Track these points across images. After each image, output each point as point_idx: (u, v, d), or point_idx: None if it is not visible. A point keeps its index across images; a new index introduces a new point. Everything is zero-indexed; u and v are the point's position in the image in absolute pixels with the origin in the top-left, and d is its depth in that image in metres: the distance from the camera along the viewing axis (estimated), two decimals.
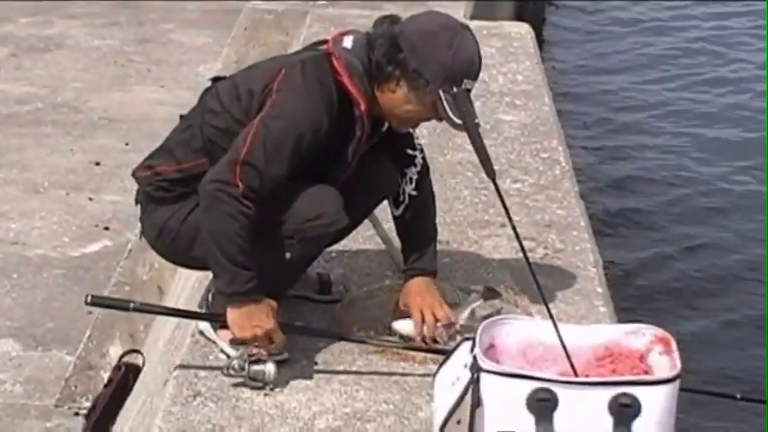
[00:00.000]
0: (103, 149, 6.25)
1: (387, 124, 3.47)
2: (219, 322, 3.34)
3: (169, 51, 7.67)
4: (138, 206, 3.54)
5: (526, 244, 4.14)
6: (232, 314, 3.23)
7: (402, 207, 3.61)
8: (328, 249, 3.84)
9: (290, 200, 3.28)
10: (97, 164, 6.11)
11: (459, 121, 3.24)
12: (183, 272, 4.64)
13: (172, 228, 3.42)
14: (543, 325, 3.08)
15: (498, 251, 4.12)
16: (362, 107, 3.31)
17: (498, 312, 3.67)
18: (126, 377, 4.30)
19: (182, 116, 3.54)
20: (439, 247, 3.71)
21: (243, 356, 3.22)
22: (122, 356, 4.43)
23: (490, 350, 3.01)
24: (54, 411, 4.29)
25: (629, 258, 6.97)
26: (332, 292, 3.76)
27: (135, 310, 3.31)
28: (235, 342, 3.29)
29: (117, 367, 4.40)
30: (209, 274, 3.69)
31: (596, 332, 3.12)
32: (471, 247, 4.16)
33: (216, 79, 3.51)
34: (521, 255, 4.02)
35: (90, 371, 4.57)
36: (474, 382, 2.85)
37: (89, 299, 3.24)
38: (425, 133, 4.86)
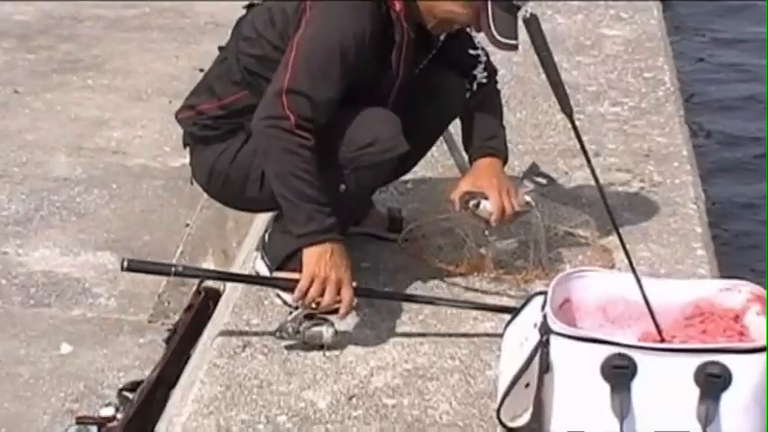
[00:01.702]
0: (209, 55, 5.96)
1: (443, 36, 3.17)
2: (275, 286, 3.09)
3: None
4: (187, 149, 3.29)
5: (621, 176, 3.88)
6: (308, 253, 2.93)
7: (469, 94, 3.29)
8: (404, 179, 3.56)
9: (342, 127, 2.99)
10: (201, 70, 5.86)
11: (501, 39, 2.97)
12: None
13: (221, 169, 3.17)
14: (626, 278, 2.75)
15: (590, 184, 3.76)
16: (398, 6, 3.01)
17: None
18: (206, 303, 4.13)
19: (220, 47, 3.28)
20: None
21: (297, 318, 2.93)
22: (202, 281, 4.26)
23: (565, 305, 2.71)
24: (147, 327, 4.15)
25: (737, 196, 6.30)
26: (403, 230, 3.46)
27: (177, 274, 3.03)
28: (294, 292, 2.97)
29: (197, 291, 4.24)
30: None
31: (686, 288, 2.79)
32: (560, 179, 3.83)
33: (250, 6, 3.23)
34: (614, 188, 3.73)
35: (183, 287, 4.41)
36: (543, 345, 2.55)
37: (125, 264, 2.95)
38: (520, 50, 4.50)
